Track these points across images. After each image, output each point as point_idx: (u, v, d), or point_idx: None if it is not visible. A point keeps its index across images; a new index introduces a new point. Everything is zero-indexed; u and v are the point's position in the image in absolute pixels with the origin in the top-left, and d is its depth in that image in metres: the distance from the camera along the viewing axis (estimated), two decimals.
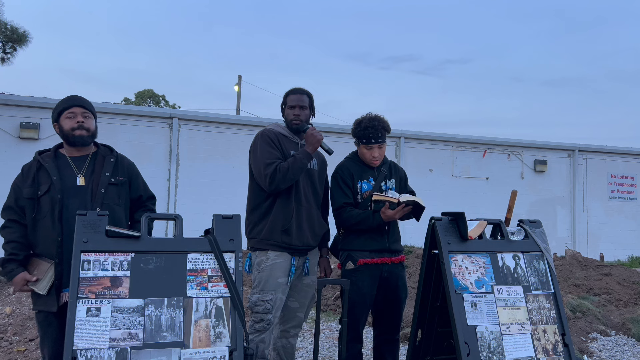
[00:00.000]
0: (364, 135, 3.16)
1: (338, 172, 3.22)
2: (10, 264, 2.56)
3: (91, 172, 2.67)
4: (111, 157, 2.75)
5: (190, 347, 2.21)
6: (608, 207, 13.01)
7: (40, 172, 2.62)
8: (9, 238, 2.60)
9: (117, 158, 2.77)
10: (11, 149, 9.26)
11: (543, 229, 3.01)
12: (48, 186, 2.58)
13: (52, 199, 2.56)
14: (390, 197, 2.97)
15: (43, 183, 2.59)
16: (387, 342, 3.21)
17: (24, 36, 9.21)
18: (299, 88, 3.18)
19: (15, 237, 2.59)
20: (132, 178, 2.80)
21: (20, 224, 2.61)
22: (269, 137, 3.01)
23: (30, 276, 2.53)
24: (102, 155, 2.75)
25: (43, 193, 2.57)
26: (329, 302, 6.05)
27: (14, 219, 2.62)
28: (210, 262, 2.38)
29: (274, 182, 2.87)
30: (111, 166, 2.71)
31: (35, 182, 2.60)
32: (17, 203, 2.62)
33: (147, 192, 2.88)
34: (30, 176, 2.62)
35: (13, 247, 2.58)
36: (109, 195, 2.64)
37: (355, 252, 3.10)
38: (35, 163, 2.66)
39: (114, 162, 2.73)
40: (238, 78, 23.10)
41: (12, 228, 2.61)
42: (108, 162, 2.71)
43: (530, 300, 2.76)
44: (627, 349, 4.84)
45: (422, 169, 11.59)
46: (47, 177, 2.60)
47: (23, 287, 2.55)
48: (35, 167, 2.64)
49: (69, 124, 2.67)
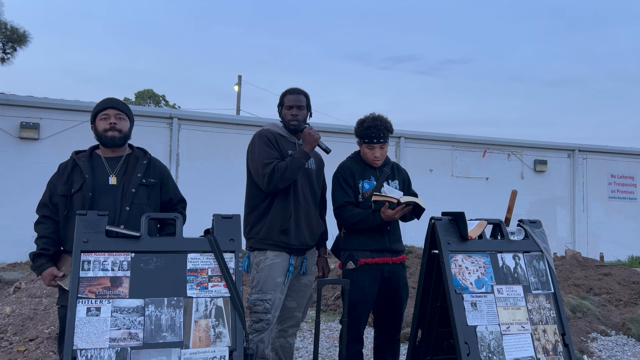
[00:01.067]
0: (366, 134, 3.16)
1: (340, 171, 3.22)
2: (40, 258, 2.63)
3: (124, 172, 2.74)
4: (144, 159, 2.82)
5: (190, 347, 2.21)
6: (608, 207, 13.02)
7: (75, 170, 2.70)
8: (41, 233, 2.67)
9: (150, 160, 2.83)
10: (11, 149, 9.27)
11: (543, 229, 3.01)
12: (81, 184, 2.65)
13: (84, 196, 2.62)
14: (390, 197, 2.97)
15: (76, 181, 2.66)
16: (388, 342, 3.22)
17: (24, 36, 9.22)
18: (296, 88, 3.18)
19: (47, 232, 2.66)
20: (164, 181, 2.85)
21: (53, 220, 2.69)
22: (266, 137, 3.01)
23: (58, 272, 2.60)
24: (135, 157, 2.82)
25: (76, 191, 2.64)
26: (329, 302, 6.05)
27: (47, 215, 2.69)
28: (210, 262, 2.38)
29: (272, 182, 2.88)
30: (143, 167, 2.77)
31: (69, 180, 2.67)
32: (51, 200, 2.70)
33: (178, 195, 2.92)
34: (65, 174, 2.69)
35: (44, 242, 2.65)
36: (139, 196, 2.69)
37: (357, 252, 3.10)
38: (70, 162, 2.74)
39: (146, 164, 2.79)
40: (238, 78, 23.13)
41: (45, 224, 2.68)
42: (141, 164, 2.78)
43: (530, 300, 2.76)
44: (627, 349, 4.84)
45: (422, 169, 11.59)
46: (80, 176, 2.67)
47: (51, 282, 2.62)
48: (71, 166, 2.71)
49: (102, 126, 2.75)
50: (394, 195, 3.00)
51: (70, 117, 9.55)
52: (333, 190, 3.21)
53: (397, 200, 2.94)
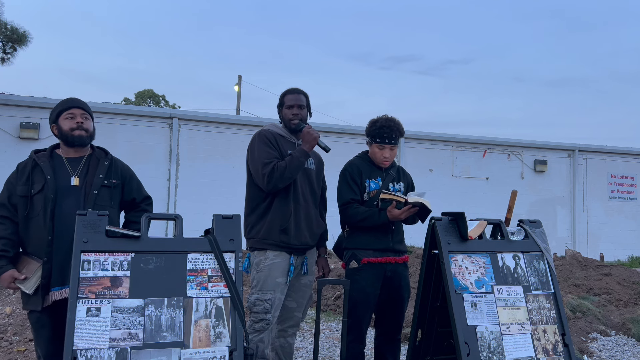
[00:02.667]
0: (378, 134, 3.17)
1: (347, 169, 3.23)
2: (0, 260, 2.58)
3: (85, 173, 2.70)
4: (105, 159, 2.78)
5: (190, 347, 2.21)
6: (608, 207, 13.01)
7: (35, 170, 2.65)
8: (1, 234, 2.60)
9: (111, 161, 2.80)
10: (11, 149, 9.26)
11: (543, 229, 3.01)
12: (42, 185, 2.60)
13: (46, 197, 2.58)
14: (399, 197, 2.97)
15: (37, 182, 2.61)
16: (389, 342, 3.22)
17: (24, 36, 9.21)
18: (296, 88, 3.19)
19: (7, 234, 2.60)
20: (126, 181, 2.83)
21: (12, 221, 2.63)
22: (266, 137, 3.02)
23: (19, 274, 2.54)
24: (96, 158, 2.78)
25: (37, 192, 2.60)
26: (329, 302, 6.05)
27: (5, 216, 2.63)
28: (210, 262, 2.38)
29: (272, 181, 2.88)
30: (105, 169, 2.73)
31: (29, 180, 2.62)
32: (9, 200, 2.64)
33: (142, 193, 2.90)
34: (25, 174, 2.64)
35: (4, 243, 2.58)
36: (102, 197, 2.67)
37: (359, 251, 3.11)
38: (30, 161, 2.68)
39: (108, 165, 2.76)
40: (238, 78, 23.13)
41: (4, 225, 2.62)
42: (102, 165, 2.74)
43: (530, 300, 2.76)
44: (627, 349, 4.84)
45: (422, 169, 11.58)
46: (41, 176, 2.62)
47: (10, 284, 2.56)
48: (31, 166, 2.66)
49: (68, 125, 2.70)
50: (402, 196, 2.99)
51: None
52: (339, 187, 3.21)
53: (405, 200, 2.94)
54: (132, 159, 2.93)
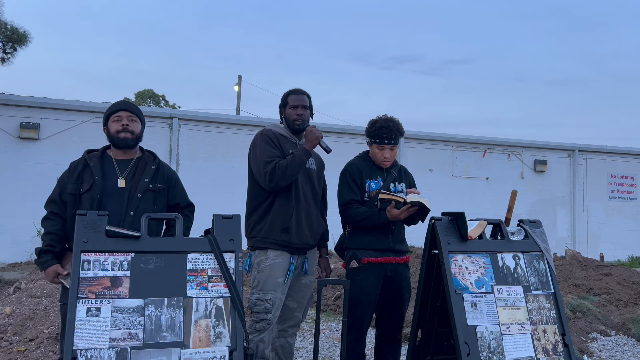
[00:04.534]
0: (378, 135, 3.16)
1: (347, 169, 3.23)
2: (46, 254, 2.66)
3: (132, 176, 2.77)
4: (153, 164, 2.84)
5: (190, 347, 2.21)
6: (608, 207, 13.02)
7: (86, 170, 2.73)
8: (49, 230, 2.69)
9: (158, 165, 2.86)
10: (11, 149, 9.27)
11: (543, 229, 3.01)
12: (90, 184, 2.67)
13: (92, 197, 2.65)
14: (397, 196, 2.97)
15: (86, 181, 2.69)
16: (389, 342, 3.22)
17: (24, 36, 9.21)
18: (299, 89, 3.19)
19: (55, 229, 2.68)
20: (171, 186, 2.88)
21: (61, 217, 2.71)
22: (268, 137, 3.02)
23: (62, 269, 2.62)
24: (145, 161, 2.85)
25: (85, 191, 2.67)
26: (329, 302, 6.05)
27: (55, 212, 2.71)
28: (210, 262, 2.38)
29: (274, 180, 2.88)
30: (151, 173, 2.79)
31: (79, 179, 2.71)
32: (60, 197, 2.72)
33: (185, 200, 2.96)
34: (76, 173, 2.72)
35: (51, 238, 2.67)
36: (145, 201, 2.72)
37: (360, 251, 3.11)
38: (82, 161, 2.77)
39: (154, 169, 2.82)
40: (238, 78, 23.13)
41: (53, 220, 2.70)
42: (149, 169, 2.81)
43: (530, 300, 2.76)
44: (627, 349, 4.84)
45: (422, 169, 11.59)
46: (90, 176, 2.70)
47: (54, 279, 2.64)
48: (82, 165, 2.74)
49: (114, 127, 2.78)
50: (400, 196, 3.00)
51: (70, 117, 9.54)
52: (340, 188, 3.21)
53: (404, 199, 2.94)
54: None
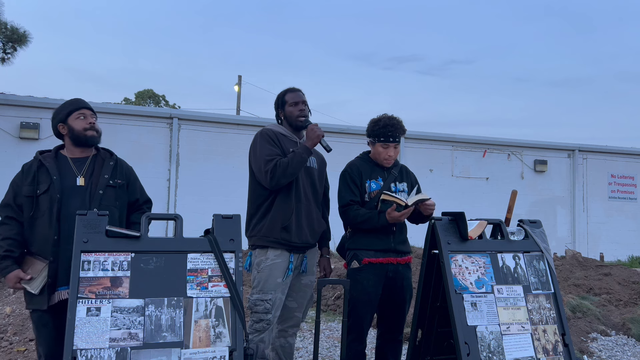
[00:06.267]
0: (382, 133, 3.15)
1: (347, 170, 3.22)
2: (5, 260, 2.57)
3: (91, 173, 2.72)
4: (111, 160, 2.81)
5: (190, 347, 2.21)
6: (608, 207, 13.01)
7: (41, 171, 2.66)
8: (6, 235, 2.61)
9: (116, 161, 2.82)
10: (11, 149, 9.26)
11: (543, 229, 3.01)
12: (48, 185, 2.61)
13: (51, 198, 2.59)
14: (399, 199, 2.96)
15: (43, 182, 2.63)
16: (390, 342, 3.21)
17: (24, 36, 9.21)
18: (294, 87, 3.20)
19: (12, 234, 2.61)
20: (130, 181, 2.85)
21: (17, 221, 2.64)
22: (268, 136, 3.02)
23: (24, 274, 2.55)
24: (102, 158, 2.80)
25: (42, 192, 2.61)
26: (329, 302, 6.05)
27: (11, 216, 2.64)
28: (210, 262, 2.38)
29: (275, 178, 2.88)
30: (110, 169, 2.76)
31: (35, 180, 2.63)
32: (15, 201, 2.65)
33: (144, 196, 2.93)
34: (31, 175, 2.65)
35: (9, 244, 2.59)
36: (107, 197, 2.69)
37: (361, 251, 3.10)
38: (35, 162, 2.70)
39: (113, 165, 2.78)
40: (238, 78, 23.13)
41: (9, 225, 2.63)
42: (107, 165, 2.77)
43: (530, 300, 2.76)
44: (627, 349, 4.84)
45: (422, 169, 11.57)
46: (47, 176, 2.63)
47: (16, 284, 2.57)
48: (36, 166, 2.67)
49: (80, 125, 2.74)
50: (402, 199, 2.98)
51: None
52: (339, 189, 3.21)
53: (405, 203, 2.94)
54: (132, 159, 2.94)
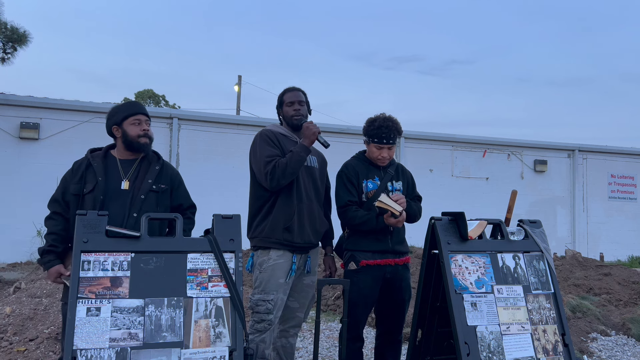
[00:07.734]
0: (376, 134, 3.14)
1: (344, 170, 3.21)
2: (48, 254, 2.65)
3: (135, 177, 2.75)
4: (157, 164, 2.83)
5: (190, 347, 2.21)
6: (608, 207, 13.01)
7: (89, 170, 2.71)
8: (51, 230, 2.68)
9: (162, 165, 2.84)
10: (11, 149, 9.26)
11: (543, 229, 3.01)
12: (93, 186, 2.66)
13: (95, 198, 2.64)
14: (392, 207, 2.93)
15: (89, 182, 2.68)
16: (389, 343, 3.21)
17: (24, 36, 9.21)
18: (293, 87, 3.20)
19: (57, 229, 2.68)
20: (174, 186, 2.87)
21: (64, 217, 2.70)
22: (267, 136, 3.02)
23: (65, 270, 2.61)
24: (148, 161, 2.83)
25: (88, 191, 2.66)
26: (329, 302, 6.05)
27: (58, 212, 2.71)
28: (210, 262, 2.38)
29: (275, 178, 2.87)
30: (155, 173, 2.78)
31: (82, 179, 2.69)
32: (63, 197, 2.71)
33: (188, 201, 2.94)
34: (79, 173, 2.71)
35: (54, 238, 2.66)
36: (148, 202, 2.71)
37: (358, 253, 3.09)
38: (85, 161, 2.75)
39: (158, 170, 2.80)
40: (238, 78, 23.13)
41: (56, 220, 2.70)
42: (153, 169, 2.79)
43: (530, 300, 2.76)
44: (627, 349, 4.85)
45: (422, 169, 11.58)
46: (93, 177, 2.68)
47: (56, 279, 2.63)
48: (85, 165, 2.73)
49: (135, 130, 2.77)
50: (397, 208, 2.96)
51: (70, 117, 9.53)
52: (337, 190, 3.20)
53: (399, 212, 2.93)
54: None
